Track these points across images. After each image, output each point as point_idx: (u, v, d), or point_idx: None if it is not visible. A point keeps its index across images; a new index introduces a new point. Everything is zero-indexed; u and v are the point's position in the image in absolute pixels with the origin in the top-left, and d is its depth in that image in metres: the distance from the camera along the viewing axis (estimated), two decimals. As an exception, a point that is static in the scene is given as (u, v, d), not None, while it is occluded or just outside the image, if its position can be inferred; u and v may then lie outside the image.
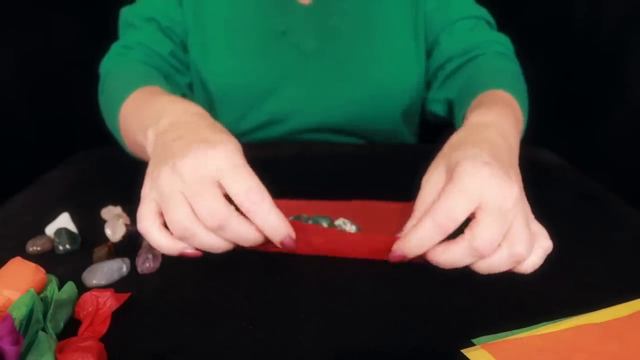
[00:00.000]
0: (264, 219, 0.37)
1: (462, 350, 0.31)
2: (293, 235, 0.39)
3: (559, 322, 0.33)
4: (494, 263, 0.37)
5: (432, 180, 0.40)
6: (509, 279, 0.40)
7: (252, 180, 0.38)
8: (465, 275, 0.40)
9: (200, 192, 0.37)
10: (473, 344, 0.32)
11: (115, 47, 0.70)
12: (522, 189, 0.39)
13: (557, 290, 0.38)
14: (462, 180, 0.36)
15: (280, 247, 0.39)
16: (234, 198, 0.37)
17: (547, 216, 0.51)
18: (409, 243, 0.37)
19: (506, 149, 0.42)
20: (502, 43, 0.70)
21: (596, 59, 0.86)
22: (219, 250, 0.39)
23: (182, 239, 0.38)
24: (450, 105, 0.70)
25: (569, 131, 0.89)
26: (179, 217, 0.37)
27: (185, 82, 0.73)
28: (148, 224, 0.38)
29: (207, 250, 0.39)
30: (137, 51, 0.68)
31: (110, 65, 0.68)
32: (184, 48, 0.72)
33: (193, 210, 0.37)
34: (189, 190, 0.37)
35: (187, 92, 0.73)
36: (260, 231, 0.38)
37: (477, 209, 0.36)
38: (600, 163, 0.76)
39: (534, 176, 0.62)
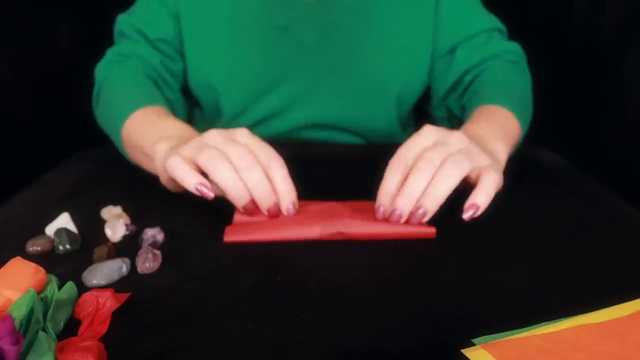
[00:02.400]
0: (281, 181, 0.46)
1: (462, 350, 0.31)
2: (297, 205, 0.47)
3: (559, 322, 0.33)
4: (437, 180, 0.44)
5: None
6: (509, 279, 0.40)
7: (275, 152, 0.48)
8: (465, 275, 0.40)
9: (232, 143, 0.46)
10: (473, 344, 0.32)
11: (110, 54, 0.71)
12: (475, 144, 0.48)
13: (557, 290, 0.38)
14: (414, 135, 0.47)
15: (286, 212, 0.47)
16: (261, 161, 0.46)
17: (547, 216, 0.51)
18: (380, 193, 0.46)
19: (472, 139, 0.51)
20: (514, 52, 0.72)
21: (596, 58, 0.86)
22: (234, 193, 0.45)
23: (209, 171, 0.44)
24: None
25: (569, 131, 0.89)
26: (211, 153, 0.45)
27: (170, 96, 0.72)
28: (176, 161, 0.45)
29: (226, 188, 0.45)
30: (133, 60, 0.69)
31: (107, 71, 0.69)
32: (173, 59, 0.73)
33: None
34: (221, 143, 0.46)
35: (171, 106, 0.73)
36: (273, 194, 0.46)
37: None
38: (601, 163, 0.76)
39: (534, 176, 0.62)
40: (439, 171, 0.44)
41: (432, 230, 0.46)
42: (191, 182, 0.45)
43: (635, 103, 0.79)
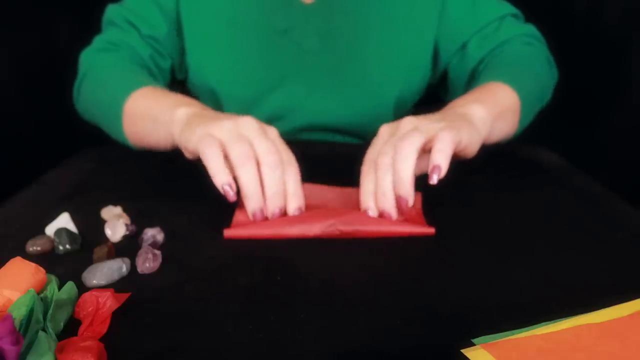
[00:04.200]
0: (293, 184, 0.48)
1: (462, 350, 0.31)
2: (303, 208, 0.48)
3: (559, 322, 0.33)
4: (396, 160, 0.46)
5: None
6: (509, 279, 0.40)
7: (294, 158, 0.49)
8: (465, 275, 0.40)
9: (262, 137, 0.47)
10: (473, 344, 0.32)
11: (98, 42, 0.71)
12: (431, 118, 0.50)
13: (557, 290, 0.38)
14: (373, 140, 0.52)
15: (292, 213, 0.47)
16: (280, 152, 0.48)
17: (547, 216, 0.51)
18: (361, 197, 0.48)
19: (439, 113, 0.54)
20: (528, 34, 0.71)
21: (597, 56, 0.86)
22: (250, 194, 0.46)
23: (237, 166, 0.46)
24: None
25: (569, 130, 0.89)
26: (243, 149, 0.46)
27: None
28: (213, 152, 0.46)
29: (245, 187, 0.46)
30: (123, 50, 0.69)
31: (95, 58, 0.69)
32: (163, 56, 0.73)
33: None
34: (252, 135, 0.47)
35: None
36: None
37: None
38: (601, 162, 0.76)
39: (534, 176, 0.62)
40: (394, 157, 0.46)
41: (431, 230, 0.46)
42: (220, 180, 0.46)
43: (635, 103, 0.79)
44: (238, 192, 0.47)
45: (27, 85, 0.88)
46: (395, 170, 0.46)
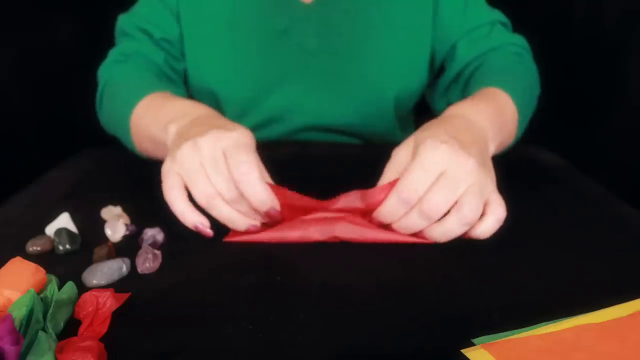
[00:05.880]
0: (252, 190, 0.43)
1: (462, 350, 0.31)
2: (278, 207, 0.45)
3: (559, 322, 0.33)
4: (447, 226, 0.43)
5: (401, 153, 0.47)
6: (509, 279, 0.40)
7: (246, 156, 0.43)
8: (465, 275, 0.40)
9: (218, 168, 0.43)
10: (473, 344, 0.32)
11: (113, 54, 0.71)
12: (482, 163, 0.44)
13: (557, 290, 0.38)
14: (422, 158, 0.43)
15: (268, 218, 0.45)
16: (229, 170, 0.43)
17: (547, 216, 0.51)
18: (381, 212, 0.44)
19: (468, 132, 0.47)
20: (517, 44, 0.71)
21: (596, 57, 0.86)
22: (239, 224, 0.45)
23: (206, 209, 0.44)
24: None
25: (568, 131, 0.89)
26: (203, 190, 0.43)
27: (175, 93, 0.73)
28: (174, 196, 0.45)
29: (226, 222, 0.45)
30: (136, 59, 0.69)
31: (110, 71, 0.69)
32: (177, 58, 0.73)
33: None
34: (208, 164, 0.43)
35: None
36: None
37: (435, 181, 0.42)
38: (601, 163, 0.76)
39: (534, 176, 0.62)
40: (455, 214, 0.42)
41: (429, 239, 0.46)
42: (190, 220, 0.45)
43: (634, 104, 0.79)
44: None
45: (27, 86, 0.88)
46: (446, 226, 0.43)
